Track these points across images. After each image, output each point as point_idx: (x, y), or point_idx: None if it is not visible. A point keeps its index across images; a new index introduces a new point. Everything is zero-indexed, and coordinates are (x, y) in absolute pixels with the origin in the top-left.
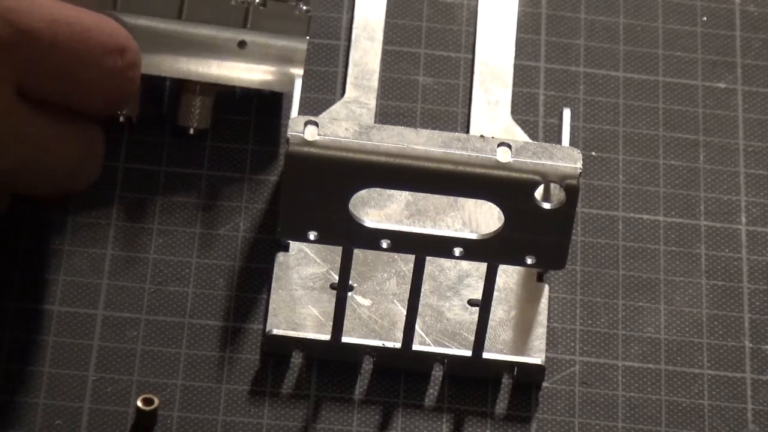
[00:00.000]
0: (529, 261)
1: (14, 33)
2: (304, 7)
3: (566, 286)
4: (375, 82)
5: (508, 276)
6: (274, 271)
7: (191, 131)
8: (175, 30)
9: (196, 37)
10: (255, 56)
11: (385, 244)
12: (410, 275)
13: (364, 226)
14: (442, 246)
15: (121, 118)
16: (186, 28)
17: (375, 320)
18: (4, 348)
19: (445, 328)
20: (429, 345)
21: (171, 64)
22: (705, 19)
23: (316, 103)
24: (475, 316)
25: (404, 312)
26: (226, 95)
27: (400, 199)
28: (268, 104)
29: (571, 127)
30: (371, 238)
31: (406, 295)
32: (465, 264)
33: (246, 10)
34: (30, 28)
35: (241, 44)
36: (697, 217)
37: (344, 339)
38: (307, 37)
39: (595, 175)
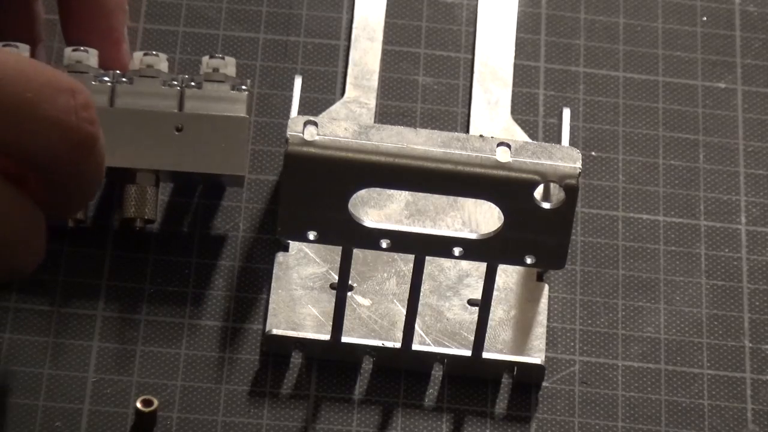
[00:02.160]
0: (528, 261)
1: None
2: (244, 87)
3: (566, 285)
4: (375, 82)
5: (508, 276)
6: (274, 271)
7: (138, 222)
8: (108, 117)
9: (130, 123)
10: (194, 140)
11: (384, 244)
12: (410, 275)
13: (364, 226)
14: (441, 246)
15: (71, 223)
16: (119, 115)
17: (375, 320)
18: (4, 349)
19: (444, 328)
20: (429, 345)
21: (106, 152)
22: (705, 19)
23: (315, 103)
24: (475, 316)
25: (404, 312)
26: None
27: (400, 199)
28: (266, 104)
29: (571, 127)
30: (371, 238)
31: (406, 295)
32: (465, 264)
33: (181, 93)
34: None
35: (179, 129)
36: (696, 217)
37: (344, 339)
38: (248, 116)
39: (595, 175)
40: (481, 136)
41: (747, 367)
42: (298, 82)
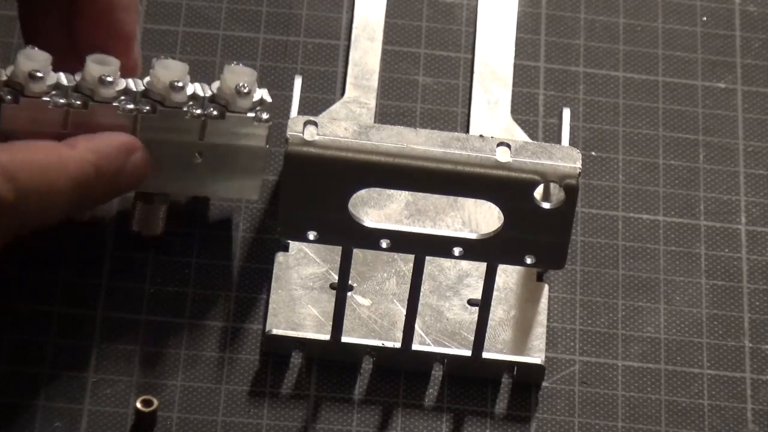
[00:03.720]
0: (528, 261)
1: (15, 195)
2: (265, 116)
3: (566, 285)
4: (375, 82)
5: (508, 276)
6: (274, 271)
7: (144, 234)
8: None
9: (151, 150)
10: (212, 168)
11: (384, 244)
12: (410, 275)
13: (364, 226)
14: (441, 246)
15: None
16: (142, 142)
17: (375, 320)
18: (4, 349)
19: (444, 328)
20: (429, 345)
21: None
22: (705, 19)
23: (315, 103)
24: (475, 316)
25: (404, 312)
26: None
27: (400, 199)
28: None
29: (571, 127)
30: (371, 238)
31: (406, 295)
32: (465, 264)
33: (203, 123)
34: (27, 189)
35: (198, 155)
36: (696, 217)
37: (344, 339)
38: (267, 146)
39: (595, 175)
40: (481, 136)
41: (747, 367)
42: (298, 82)
